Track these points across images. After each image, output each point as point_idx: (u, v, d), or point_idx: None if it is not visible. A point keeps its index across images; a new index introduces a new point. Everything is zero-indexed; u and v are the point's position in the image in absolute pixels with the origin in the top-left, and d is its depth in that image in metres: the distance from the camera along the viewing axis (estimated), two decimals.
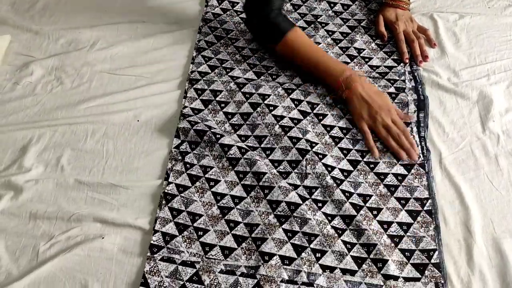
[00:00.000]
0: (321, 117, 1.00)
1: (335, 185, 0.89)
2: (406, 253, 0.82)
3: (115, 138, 0.98)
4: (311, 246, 0.83)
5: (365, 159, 0.94)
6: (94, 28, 1.17)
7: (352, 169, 0.92)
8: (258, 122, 0.98)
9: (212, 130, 0.95)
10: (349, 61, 1.10)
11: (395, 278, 0.79)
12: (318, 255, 0.82)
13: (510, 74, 1.06)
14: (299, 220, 0.85)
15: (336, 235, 0.84)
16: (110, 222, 0.85)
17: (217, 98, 1.03)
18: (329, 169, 0.92)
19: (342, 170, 0.92)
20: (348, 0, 1.24)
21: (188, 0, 1.25)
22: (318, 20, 1.19)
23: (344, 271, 0.80)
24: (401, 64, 1.09)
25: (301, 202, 0.86)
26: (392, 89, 1.04)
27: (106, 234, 0.84)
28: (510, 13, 1.18)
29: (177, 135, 0.97)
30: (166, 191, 0.89)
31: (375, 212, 0.87)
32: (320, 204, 0.87)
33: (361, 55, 1.12)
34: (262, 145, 0.95)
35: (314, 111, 1.00)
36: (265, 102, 1.01)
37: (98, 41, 1.15)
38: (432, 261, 0.81)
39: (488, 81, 1.04)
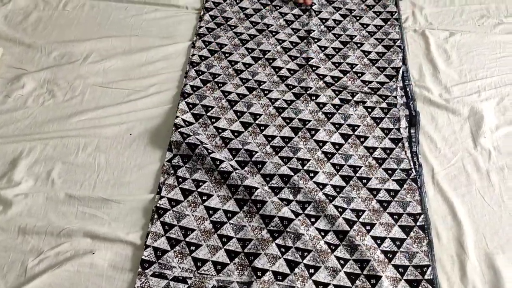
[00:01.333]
0: (313, 132, 1.00)
1: (327, 200, 0.89)
2: (400, 269, 0.82)
3: (107, 151, 0.97)
4: (304, 261, 0.82)
5: (357, 174, 0.94)
6: (88, 42, 1.17)
7: (345, 185, 0.92)
8: (249, 141, 0.98)
9: (203, 145, 0.94)
10: (341, 76, 1.11)
11: None
12: (311, 271, 0.81)
13: (500, 91, 1.06)
14: (292, 235, 0.84)
15: (329, 250, 0.83)
16: (101, 237, 0.84)
17: (208, 113, 1.03)
18: (321, 186, 0.91)
19: (334, 187, 0.92)
20: (339, 15, 1.25)
21: (182, 14, 1.25)
22: (311, 35, 1.20)
23: None
24: (393, 79, 1.10)
25: (294, 217, 0.86)
26: (384, 105, 1.05)
27: (96, 249, 0.83)
28: (500, 31, 1.19)
29: (169, 148, 0.96)
30: (158, 205, 0.88)
31: (368, 228, 0.87)
32: (313, 219, 0.87)
33: (354, 70, 1.13)
34: (253, 159, 0.95)
35: (306, 127, 1.00)
36: (257, 122, 1.01)
37: (91, 54, 1.14)
38: (426, 277, 0.81)
39: (479, 98, 1.05)
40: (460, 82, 1.09)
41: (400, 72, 1.11)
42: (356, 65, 1.14)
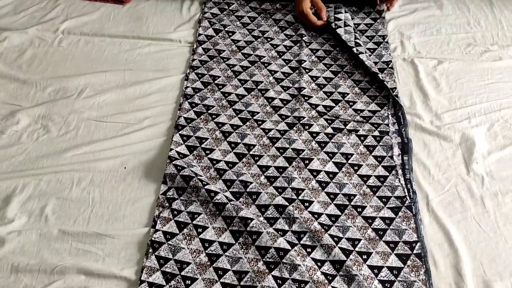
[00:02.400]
0: (307, 162, 1.00)
1: (323, 230, 0.88)
2: None
3: (101, 185, 0.96)
4: None
5: (352, 203, 0.93)
6: (82, 76, 1.17)
7: (340, 214, 0.92)
8: (243, 171, 0.98)
9: (198, 177, 0.94)
10: (333, 105, 1.12)
11: None
12: None
13: (490, 117, 1.07)
14: (289, 267, 0.83)
15: (326, 281, 0.82)
16: (94, 274, 0.82)
17: (203, 145, 1.03)
18: (316, 216, 0.91)
19: (329, 216, 0.91)
20: (329, 46, 1.27)
21: (175, 48, 1.27)
22: (302, 65, 1.21)
23: None
24: (384, 108, 1.11)
25: (290, 248, 0.85)
26: (376, 133, 1.05)
27: (90, 286, 0.81)
28: (486, 59, 1.21)
29: (164, 181, 0.96)
30: (153, 239, 0.87)
31: (364, 257, 0.86)
32: (309, 250, 0.86)
33: (346, 99, 1.14)
34: (248, 190, 0.95)
35: (300, 156, 1.01)
36: (251, 152, 1.02)
37: (85, 88, 1.15)
38: None
39: (470, 124, 1.06)
40: (451, 108, 1.10)
41: (391, 99, 1.12)
42: (348, 94, 1.15)
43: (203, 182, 0.93)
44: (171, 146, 1.01)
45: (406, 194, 0.94)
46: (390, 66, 1.19)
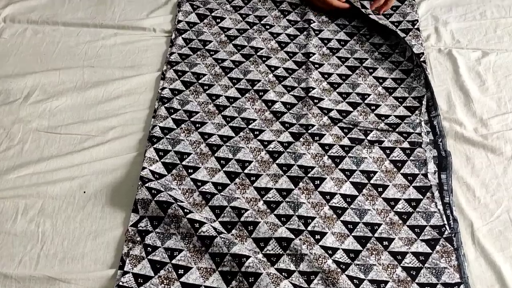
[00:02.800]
0: (317, 182, 1.00)
1: (339, 270, 0.88)
2: None
3: (54, 215, 0.96)
4: None
5: (376, 235, 0.94)
6: (30, 76, 1.18)
7: (361, 248, 0.92)
8: (236, 195, 0.99)
9: (178, 203, 0.94)
10: (351, 109, 1.13)
11: None
12: None
13: None
14: None
15: None
16: None
17: (184, 162, 1.03)
18: (330, 252, 0.91)
19: (347, 251, 0.92)
20: (344, 34, 1.29)
21: (148, 39, 1.28)
22: (311, 59, 1.22)
23: None
24: (416, 112, 1.11)
25: None
26: (405, 144, 1.06)
27: None
28: None
29: (135, 209, 0.96)
30: (121, 283, 0.87)
31: None
32: None
33: (366, 101, 1.14)
34: (242, 219, 0.95)
35: (309, 175, 1.01)
36: (245, 171, 1.02)
37: (34, 91, 1.15)
38: None
39: None
40: (499, 113, 1.11)
41: (424, 101, 1.13)
42: (369, 95, 1.16)
43: (185, 210, 0.94)
44: (144, 164, 1.02)
45: (445, 222, 0.95)
46: (422, 59, 1.20)
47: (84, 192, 1.00)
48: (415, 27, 1.29)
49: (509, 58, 1.21)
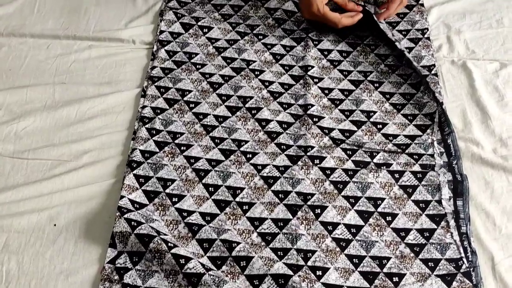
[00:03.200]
0: (318, 211, 1.00)
1: None
2: None
3: (20, 252, 0.96)
4: None
5: (385, 270, 0.94)
6: None
7: (368, 286, 0.92)
8: (227, 227, 0.99)
9: (161, 236, 0.94)
10: (355, 129, 1.13)
11: None
12: None
13: None
14: None
15: None
16: None
17: (168, 190, 1.03)
18: None
19: None
20: (346, 45, 1.30)
21: (127, 51, 1.29)
22: (309, 73, 1.23)
23: None
24: (428, 131, 1.12)
25: None
26: (416, 167, 1.06)
27: None
28: None
29: (112, 243, 0.96)
30: None
31: None
32: None
33: (372, 120, 1.15)
34: (234, 253, 0.95)
35: (308, 203, 1.01)
36: (237, 199, 1.03)
37: None
38: None
39: None
40: None
41: (437, 117, 1.14)
42: (375, 112, 1.17)
43: (169, 244, 0.93)
44: (122, 192, 1.02)
45: (463, 255, 0.95)
46: (433, 72, 1.21)
47: (55, 225, 0.99)
48: (425, 36, 1.30)
49: None
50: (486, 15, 1.35)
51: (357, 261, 0.95)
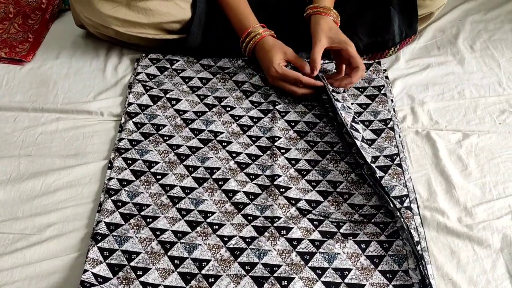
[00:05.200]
0: (285, 283, 1.00)
1: None
2: None
3: None
4: None
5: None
6: None
7: None
8: None
9: None
10: (321, 199, 1.14)
11: None
12: None
13: None
14: None
15: None
16: None
17: (132, 263, 1.02)
18: None
19: None
20: (313, 116, 1.32)
21: (94, 124, 1.30)
22: (276, 144, 1.25)
23: None
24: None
25: None
26: (382, 237, 1.07)
27: None
28: None
29: None
30: None
31: None
32: None
33: (338, 190, 1.16)
34: None
35: (275, 275, 1.01)
36: (202, 271, 1.01)
37: None
38: None
39: None
40: (484, 200, 1.14)
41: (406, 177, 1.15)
42: (341, 183, 1.18)
43: None
44: (86, 266, 1.00)
45: None
46: (389, 126, 1.24)
47: None
48: (382, 92, 1.34)
49: (491, 140, 1.26)
50: (448, 87, 1.40)
51: (320, 272, 0.95)
